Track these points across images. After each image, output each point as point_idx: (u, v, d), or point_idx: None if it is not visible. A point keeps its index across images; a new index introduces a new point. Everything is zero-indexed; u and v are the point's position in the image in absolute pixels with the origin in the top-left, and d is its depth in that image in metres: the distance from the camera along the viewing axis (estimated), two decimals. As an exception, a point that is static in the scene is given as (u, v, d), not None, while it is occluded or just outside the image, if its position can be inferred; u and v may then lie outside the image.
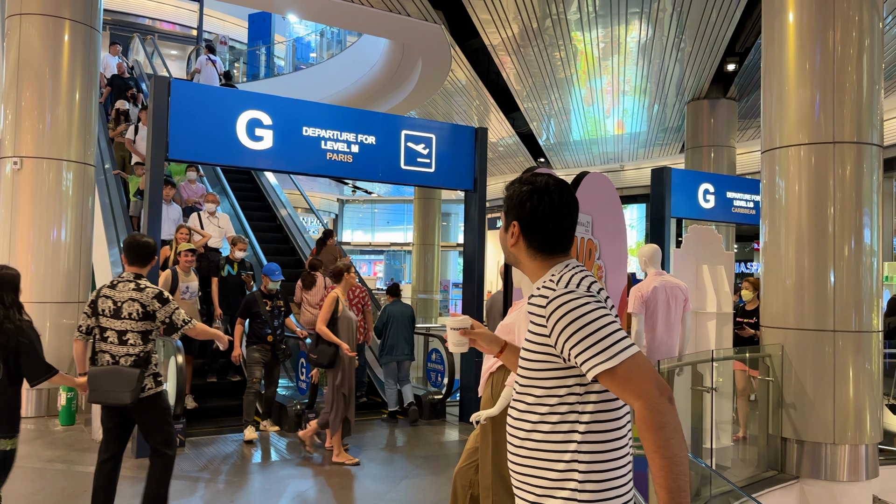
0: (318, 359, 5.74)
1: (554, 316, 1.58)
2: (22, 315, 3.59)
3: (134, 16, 21.09)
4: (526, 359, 1.68)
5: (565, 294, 1.59)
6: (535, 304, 1.68)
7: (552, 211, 1.71)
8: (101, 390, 3.79)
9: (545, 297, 1.64)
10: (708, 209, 9.35)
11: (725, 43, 9.89)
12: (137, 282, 3.94)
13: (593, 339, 1.53)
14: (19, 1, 7.15)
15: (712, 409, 5.22)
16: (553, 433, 1.62)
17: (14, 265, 6.97)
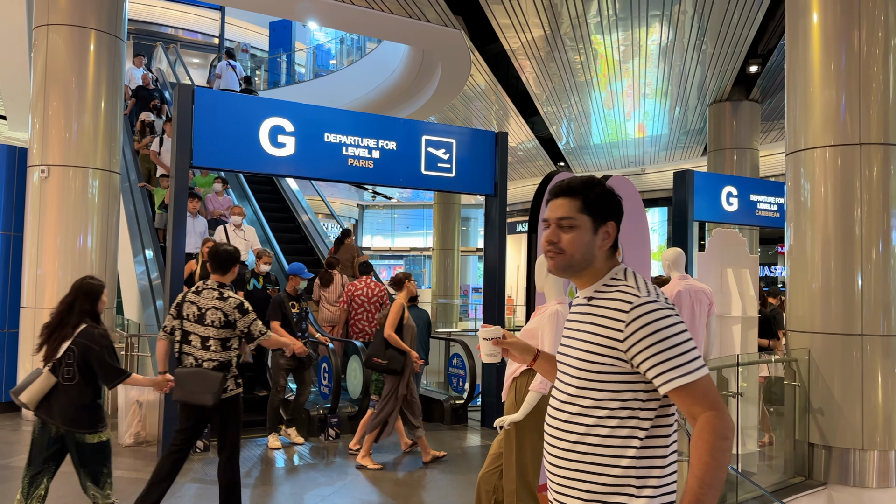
0: (388, 364, 5.80)
1: (637, 323, 1.59)
2: (96, 324, 3.81)
3: (157, 25, 21.36)
4: (586, 360, 1.66)
5: (651, 303, 1.60)
6: (609, 306, 1.66)
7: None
8: (186, 390, 4.01)
9: (627, 301, 1.62)
10: (731, 212, 9.27)
11: (748, 44, 9.80)
12: (221, 290, 4.13)
13: (674, 353, 1.56)
14: (46, 12, 7.27)
15: (738, 415, 5.16)
16: (610, 437, 1.62)
17: (41, 271, 7.15)
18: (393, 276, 6.26)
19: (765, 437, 6.40)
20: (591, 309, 1.70)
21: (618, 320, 1.61)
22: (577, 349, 1.69)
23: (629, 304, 1.61)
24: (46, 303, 7.13)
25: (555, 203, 1.77)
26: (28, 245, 7.25)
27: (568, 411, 1.69)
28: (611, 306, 1.65)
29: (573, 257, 1.73)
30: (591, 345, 1.65)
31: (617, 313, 1.62)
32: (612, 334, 1.62)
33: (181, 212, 6.03)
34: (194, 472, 5.58)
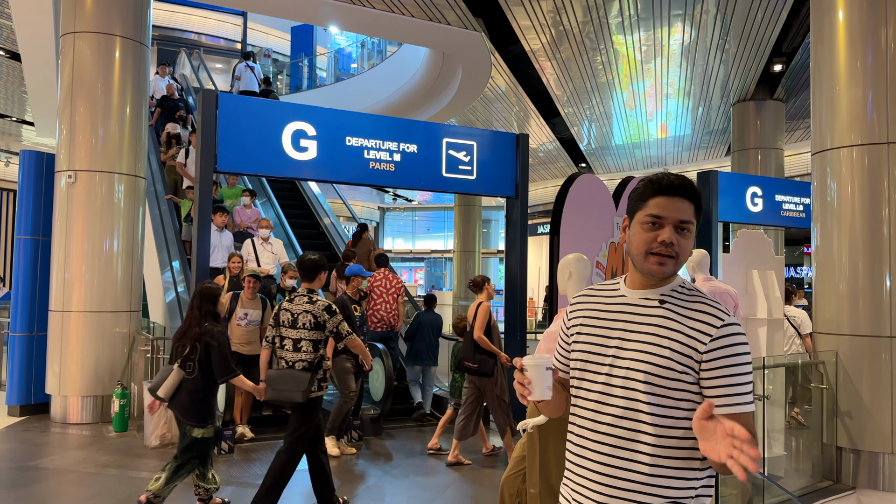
0: (479, 367, 5.88)
1: (725, 341, 1.55)
2: (215, 323, 4.39)
3: (180, 31, 21.59)
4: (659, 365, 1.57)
5: (738, 327, 1.58)
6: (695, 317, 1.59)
7: None
8: (277, 389, 4.31)
9: (718, 317, 1.57)
10: (756, 213, 9.16)
11: (772, 43, 9.69)
12: (310, 296, 4.47)
13: (744, 381, 1.55)
14: (72, 20, 7.39)
15: (764, 418, 5.09)
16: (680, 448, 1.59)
17: (69, 275, 7.25)
18: (472, 279, 6.32)
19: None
20: (664, 312, 1.61)
21: (705, 333, 1.56)
22: (646, 352, 1.59)
23: (720, 320, 1.57)
24: (74, 306, 7.25)
25: (675, 202, 1.62)
26: (56, 249, 7.37)
27: (632, 418, 1.58)
28: (698, 317, 1.58)
29: (680, 265, 1.65)
30: (667, 349, 1.57)
31: (705, 326, 1.57)
32: (693, 343, 1.56)
33: (206, 216, 6.09)
34: (218, 473, 5.61)
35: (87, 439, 6.66)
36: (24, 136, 17.44)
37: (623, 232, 1.74)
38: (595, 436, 1.63)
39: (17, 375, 7.60)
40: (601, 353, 1.67)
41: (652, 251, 1.62)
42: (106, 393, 7.26)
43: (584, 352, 1.70)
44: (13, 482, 5.32)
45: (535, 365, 1.62)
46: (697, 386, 1.56)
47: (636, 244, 1.65)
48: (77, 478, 5.45)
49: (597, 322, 1.72)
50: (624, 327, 1.65)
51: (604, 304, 1.74)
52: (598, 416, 1.63)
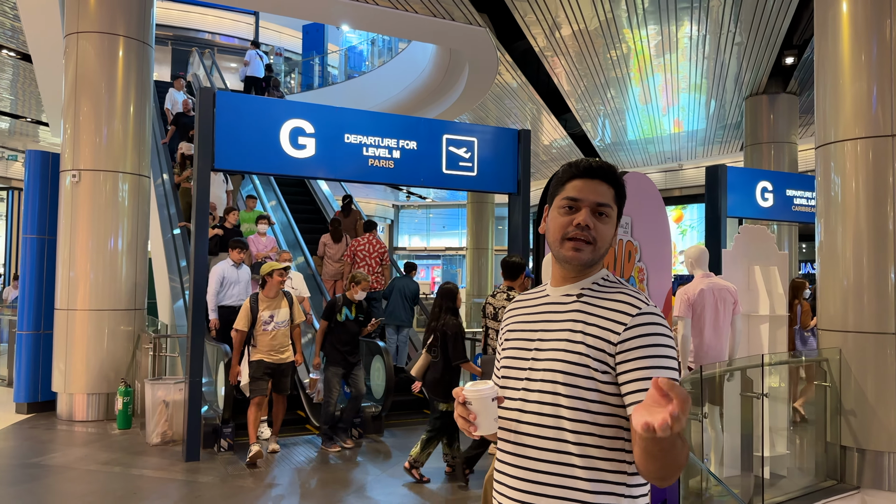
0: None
1: (640, 329, 1.40)
2: (455, 317, 5.39)
3: (195, 31, 21.74)
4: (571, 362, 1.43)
5: (657, 316, 1.44)
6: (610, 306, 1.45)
7: None
8: (488, 372, 4.87)
9: (635, 305, 1.44)
10: (766, 208, 9.00)
11: (782, 35, 9.53)
12: (508, 292, 5.34)
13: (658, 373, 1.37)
14: (76, 20, 7.44)
15: (763, 416, 5.00)
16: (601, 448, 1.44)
17: (74, 273, 7.32)
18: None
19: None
20: (580, 306, 1.48)
21: (618, 323, 1.42)
22: (562, 350, 1.45)
23: (636, 308, 1.43)
24: (79, 304, 7.31)
25: (591, 184, 1.51)
26: (61, 248, 7.43)
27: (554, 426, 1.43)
28: (613, 307, 1.45)
29: (599, 252, 1.50)
30: (581, 344, 1.43)
31: (619, 315, 1.43)
32: (607, 335, 1.42)
33: (203, 218, 6.07)
34: (216, 471, 5.64)
35: (91, 436, 6.71)
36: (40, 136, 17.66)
37: (543, 221, 1.60)
38: (517, 448, 1.48)
39: (25, 373, 7.68)
40: (521, 358, 1.54)
41: (567, 236, 1.49)
42: (111, 391, 7.32)
43: (508, 357, 1.57)
44: (15, 479, 5.37)
45: (479, 397, 1.41)
46: (614, 386, 1.40)
47: (552, 230, 1.53)
48: (77, 475, 5.49)
49: (520, 327, 1.59)
50: (543, 327, 1.53)
51: (529, 307, 1.61)
52: (519, 426, 1.49)
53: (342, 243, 9.52)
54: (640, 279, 4.54)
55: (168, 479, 5.42)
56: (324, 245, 9.60)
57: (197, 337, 5.97)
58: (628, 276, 4.41)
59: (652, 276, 4.77)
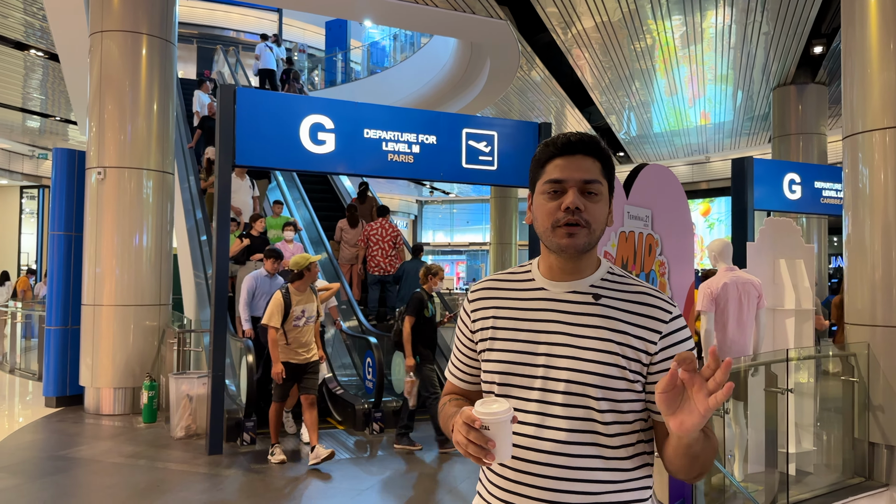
0: None
1: (674, 338, 1.36)
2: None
3: (220, 28, 21.92)
4: (606, 375, 1.34)
5: (681, 317, 1.40)
6: (638, 311, 1.37)
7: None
8: None
9: (664, 308, 1.37)
10: (794, 200, 8.84)
11: (810, 24, 9.34)
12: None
13: None
14: (100, 19, 7.53)
15: (788, 412, 4.91)
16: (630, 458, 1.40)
17: (100, 270, 7.42)
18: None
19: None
20: (601, 310, 1.36)
21: (653, 331, 1.34)
22: (593, 361, 1.33)
23: (667, 312, 1.36)
24: (105, 300, 7.42)
25: (574, 161, 1.36)
26: (87, 244, 7.54)
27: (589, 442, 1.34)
28: (643, 311, 1.36)
29: (595, 235, 1.36)
30: (618, 356, 1.33)
31: (653, 322, 1.35)
32: (643, 346, 1.34)
33: (225, 213, 6.12)
34: (238, 464, 5.69)
35: (117, 430, 6.81)
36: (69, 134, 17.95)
37: (528, 211, 1.44)
38: (534, 468, 1.35)
39: (53, 367, 7.82)
40: (529, 364, 1.37)
41: (558, 223, 1.34)
42: (136, 385, 7.42)
43: (505, 362, 1.40)
44: (42, 471, 5.47)
45: (497, 421, 1.22)
46: (643, 393, 1.36)
47: (540, 219, 1.38)
48: (102, 467, 5.57)
49: (515, 322, 1.41)
50: (555, 329, 1.37)
51: (518, 297, 1.44)
52: (538, 443, 1.35)
53: (358, 228, 9.82)
54: (661, 273, 4.48)
55: (191, 472, 5.47)
56: (340, 230, 9.91)
57: (219, 332, 6.01)
58: (649, 270, 4.35)
59: (673, 270, 4.70)
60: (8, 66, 12.68)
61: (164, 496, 4.92)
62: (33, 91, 14.70)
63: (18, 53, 11.94)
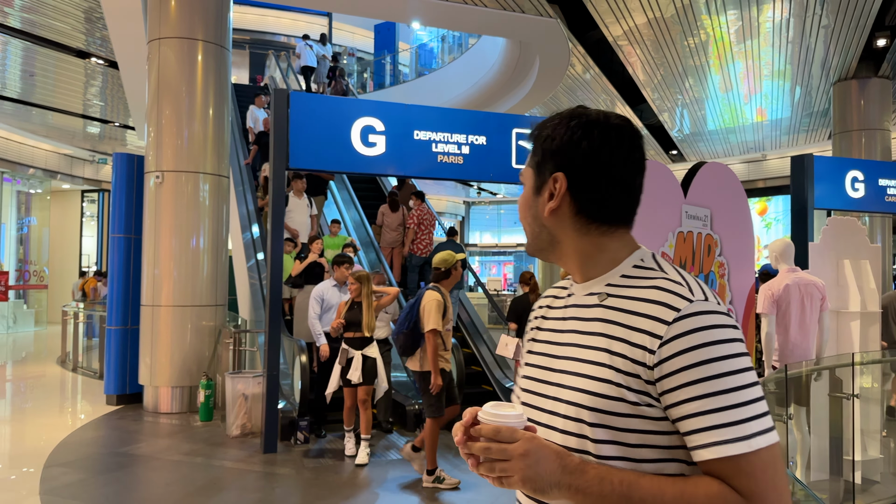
0: None
1: (682, 343, 0.98)
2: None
3: (271, 34, 22.28)
4: (594, 393, 1.05)
5: (706, 315, 1.00)
6: (637, 309, 1.05)
7: (625, 157, 1.12)
8: None
9: (670, 305, 1.02)
10: (857, 199, 8.53)
11: (873, 16, 9.00)
12: None
13: (729, 401, 0.96)
14: (158, 26, 7.73)
15: (854, 418, 4.73)
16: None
17: (158, 271, 7.60)
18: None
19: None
20: (604, 312, 1.09)
21: (651, 335, 1.01)
22: (588, 377, 1.06)
23: (675, 309, 1.01)
24: (163, 301, 7.60)
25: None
26: (146, 247, 7.74)
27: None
28: (643, 310, 1.04)
29: (528, 232, 1.19)
30: (610, 369, 1.04)
31: (652, 323, 1.02)
32: (639, 355, 1.02)
33: (280, 211, 6.21)
34: (293, 463, 5.75)
35: (175, 428, 6.97)
36: (127, 140, 18.47)
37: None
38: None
39: (114, 366, 8.05)
40: (545, 381, 1.15)
41: None
42: (193, 384, 7.58)
43: (526, 377, 1.20)
44: (104, 467, 5.63)
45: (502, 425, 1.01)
46: (666, 422, 1.01)
47: None
48: (161, 464, 5.71)
49: (546, 333, 1.21)
50: (569, 340, 1.13)
51: (556, 306, 1.22)
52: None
53: (399, 213, 10.20)
54: (720, 275, 4.36)
55: (247, 471, 5.56)
56: (382, 214, 10.25)
57: (274, 331, 6.10)
58: (708, 271, 4.24)
59: (733, 272, 4.57)
60: (70, 74, 13.12)
61: (220, 494, 5.01)
62: (93, 98, 15.17)
63: (80, 62, 12.34)
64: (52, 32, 11.03)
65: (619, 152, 1.12)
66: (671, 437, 1.02)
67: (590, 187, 1.11)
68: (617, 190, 1.12)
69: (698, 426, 0.97)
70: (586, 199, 1.12)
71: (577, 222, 1.13)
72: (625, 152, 1.12)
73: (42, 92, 14.47)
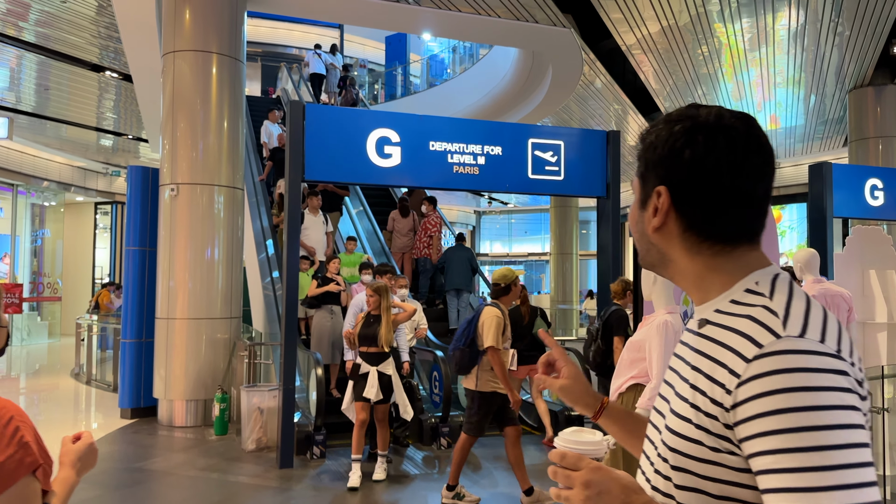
0: None
1: (762, 385, 0.84)
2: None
3: (282, 46, 22.39)
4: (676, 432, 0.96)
5: (799, 354, 0.85)
6: (724, 340, 0.92)
7: (738, 164, 0.98)
8: None
9: (753, 339, 0.88)
10: (877, 207, 8.42)
11: (890, 23, 8.92)
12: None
13: (810, 462, 0.80)
14: (172, 39, 7.74)
15: (883, 432, 4.62)
16: None
17: (173, 283, 7.57)
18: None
19: None
20: (698, 342, 0.98)
21: (730, 372, 0.89)
22: (671, 411, 0.99)
23: (758, 345, 0.87)
24: (178, 313, 7.57)
25: None
26: (161, 259, 7.73)
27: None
28: (729, 341, 0.91)
29: (640, 244, 1.09)
30: (691, 408, 0.94)
31: (733, 358, 0.89)
32: (717, 394, 0.90)
33: (295, 222, 6.18)
34: (309, 477, 5.69)
35: (190, 442, 6.92)
36: (140, 152, 18.56)
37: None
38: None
39: (128, 380, 8.03)
40: (657, 409, 1.06)
41: None
42: (208, 397, 7.54)
43: (659, 395, 1.09)
44: (119, 483, 5.58)
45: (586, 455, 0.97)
46: (751, 474, 0.87)
47: None
48: (176, 480, 5.65)
49: (673, 358, 1.09)
50: (677, 368, 1.04)
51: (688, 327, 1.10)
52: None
53: (409, 218, 10.38)
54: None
55: (263, 487, 5.50)
56: (392, 220, 10.43)
57: (290, 345, 6.05)
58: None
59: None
60: (84, 87, 13.19)
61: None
62: (107, 111, 15.25)
63: (93, 75, 12.40)
64: (67, 46, 11.09)
65: (730, 158, 0.98)
66: (757, 494, 0.87)
67: (697, 201, 0.99)
68: (731, 202, 0.98)
69: (771, 485, 0.83)
70: (694, 214, 0.99)
71: (686, 240, 1.01)
72: (738, 157, 0.98)
73: (56, 105, 14.56)
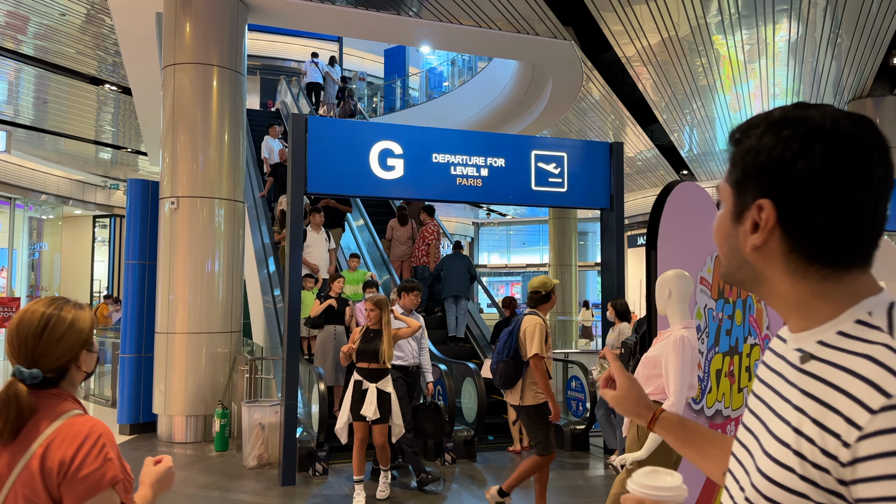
0: None
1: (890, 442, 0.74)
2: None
3: (281, 59, 22.42)
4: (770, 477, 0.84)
5: None
6: (841, 384, 0.80)
7: (862, 177, 0.84)
8: None
9: (879, 388, 0.76)
10: (878, 218, 8.43)
11: (889, 35, 8.95)
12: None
13: None
14: (173, 52, 7.71)
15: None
16: None
17: (173, 297, 7.50)
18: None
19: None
20: (802, 380, 0.86)
21: (848, 421, 0.77)
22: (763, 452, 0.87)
23: (884, 393, 0.76)
24: (178, 328, 7.50)
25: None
26: (161, 273, 7.65)
27: None
28: (847, 386, 0.79)
29: (723, 254, 0.95)
30: (788, 452, 0.83)
31: (852, 406, 0.77)
32: (830, 445, 0.78)
33: (297, 237, 6.13)
34: (313, 495, 5.61)
35: (190, 459, 6.83)
36: (139, 165, 18.52)
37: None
38: None
39: (127, 395, 7.93)
40: (742, 443, 0.95)
41: None
42: (208, 412, 7.45)
43: (740, 428, 0.99)
44: (120, 500, 5.48)
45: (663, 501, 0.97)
46: None
47: None
48: (177, 498, 5.56)
49: (757, 384, 0.98)
50: (768, 400, 0.93)
51: (776, 351, 0.97)
52: None
53: (408, 227, 10.36)
54: (757, 299, 4.23)
55: (265, 504, 5.42)
56: (391, 229, 10.41)
57: (292, 360, 5.98)
58: (746, 296, 4.11)
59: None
60: (83, 100, 13.17)
61: (241, 528, 4.87)
62: (105, 124, 15.23)
63: (92, 88, 12.39)
64: (65, 59, 11.08)
65: (852, 171, 0.83)
66: None
67: (809, 220, 0.84)
68: (848, 221, 0.84)
69: None
70: (804, 234, 0.85)
71: (790, 262, 0.87)
72: (861, 170, 0.83)
73: (54, 118, 14.54)
